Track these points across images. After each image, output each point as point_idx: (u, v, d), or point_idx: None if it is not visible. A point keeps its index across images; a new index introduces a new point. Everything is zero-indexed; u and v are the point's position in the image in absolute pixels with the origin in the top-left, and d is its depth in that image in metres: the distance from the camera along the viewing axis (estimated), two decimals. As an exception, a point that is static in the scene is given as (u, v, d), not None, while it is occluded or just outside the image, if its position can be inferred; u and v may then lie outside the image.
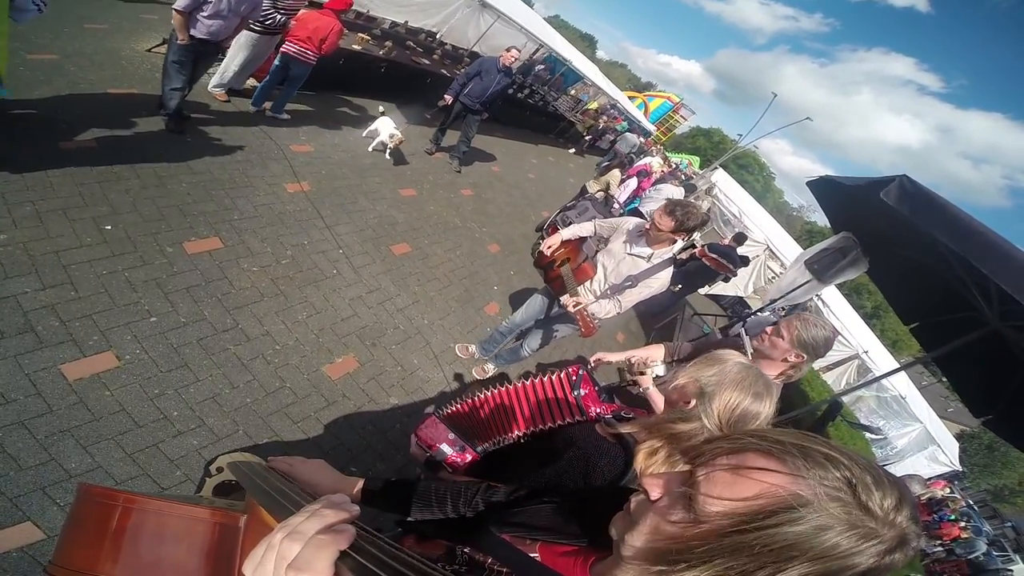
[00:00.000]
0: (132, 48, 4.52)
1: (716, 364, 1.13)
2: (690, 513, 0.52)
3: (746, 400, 1.07)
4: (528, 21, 9.67)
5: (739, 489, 0.50)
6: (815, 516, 0.46)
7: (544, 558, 0.76)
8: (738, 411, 1.06)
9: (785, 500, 0.47)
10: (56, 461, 1.93)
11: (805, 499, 0.47)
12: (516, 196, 7.48)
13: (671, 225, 2.57)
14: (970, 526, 9.11)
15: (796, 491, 0.47)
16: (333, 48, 4.82)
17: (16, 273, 2.38)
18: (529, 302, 3.33)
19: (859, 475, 0.48)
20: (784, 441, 0.52)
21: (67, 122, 3.32)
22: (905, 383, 8.69)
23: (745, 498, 0.49)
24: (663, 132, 26.04)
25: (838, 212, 4.24)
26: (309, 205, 4.13)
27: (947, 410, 19.32)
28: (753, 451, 0.52)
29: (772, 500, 0.48)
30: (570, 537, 0.80)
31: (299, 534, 0.43)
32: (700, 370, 1.14)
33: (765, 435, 0.54)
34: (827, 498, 0.46)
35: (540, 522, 0.86)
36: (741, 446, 0.54)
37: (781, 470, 0.49)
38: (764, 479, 0.49)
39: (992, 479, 27.14)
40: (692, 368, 1.16)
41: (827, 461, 0.49)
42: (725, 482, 0.51)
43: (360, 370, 3.15)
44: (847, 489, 0.47)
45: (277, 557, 0.42)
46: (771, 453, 0.51)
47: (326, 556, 0.41)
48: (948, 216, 2.36)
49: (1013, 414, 3.29)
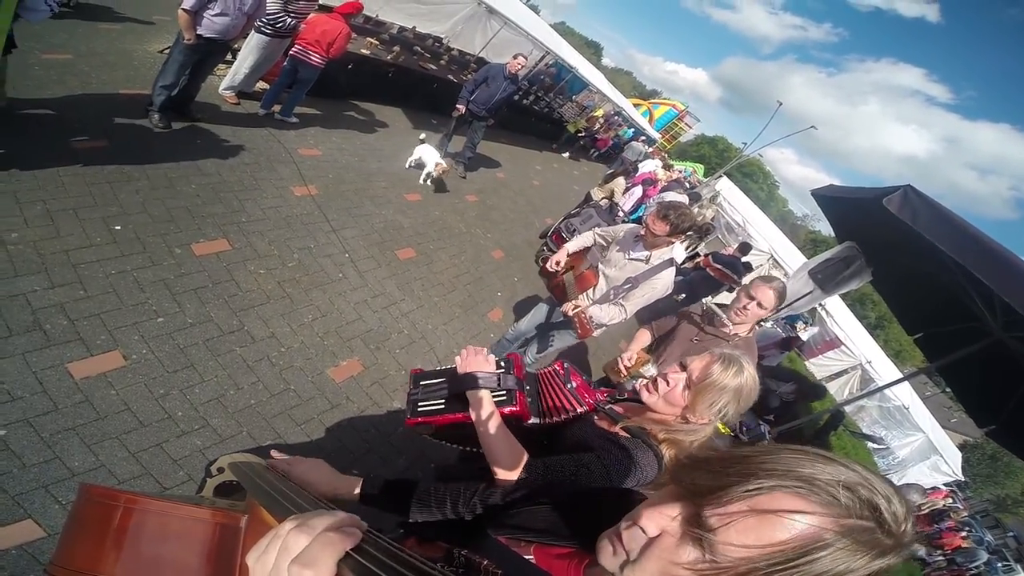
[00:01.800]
0: (144, 49, 4.58)
1: (724, 394, 1.23)
2: (705, 555, 0.51)
3: (752, 392, 1.25)
4: (534, 28, 9.72)
5: (767, 534, 0.48)
6: (843, 544, 0.46)
7: (539, 560, 0.77)
8: (719, 405, 1.23)
9: (816, 537, 0.47)
10: (60, 459, 1.93)
11: (835, 535, 0.47)
12: (521, 203, 7.50)
13: (665, 229, 2.59)
14: (972, 536, 9.03)
15: (825, 528, 0.47)
16: (341, 52, 4.86)
17: (26, 271, 2.40)
18: (535, 310, 3.33)
19: (880, 494, 0.49)
20: (808, 477, 0.50)
21: (79, 122, 3.35)
22: (908, 393, 8.65)
23: (772, 543, 0.48)
24: (668, 140, 26.06)
25: (842, 222, 4.24)
26: (316, 209, 4.15)
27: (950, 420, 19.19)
28: (782, 493, 0.50)
29: (800, 541, 0.47)
30: (564, 539, 0.81)
31: (309, 527, 0.43)
32: (710, 402, 1.23)
33: (788, 471, 0.51)
34: (855, 528, 0.47)
35: (536, 524, 0.87)
36: (768, 488, 0.51)
37: (814, 511, 0.48)
38: (797, 521, 0.48)
39: (995, 489, 26.92)
40: (703, 402, 1.23)
41: (849, 490, 0.49)
42: (750, 527, 0.49)
43: (364, 374, 3.16)
44: (870, 513, 0.48)
45: (282, 548, 0.42)
46: (800, 494, 0.49)
47: (331, 554, 0.41)
48: (951, 226, 2.36)
49: (1016, 424, 3.28)
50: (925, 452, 8.60)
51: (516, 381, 1.30)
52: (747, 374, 1.23)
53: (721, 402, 1.22)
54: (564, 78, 12.73)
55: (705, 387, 1.22)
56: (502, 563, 0.74)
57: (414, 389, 1.37)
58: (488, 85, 5.95)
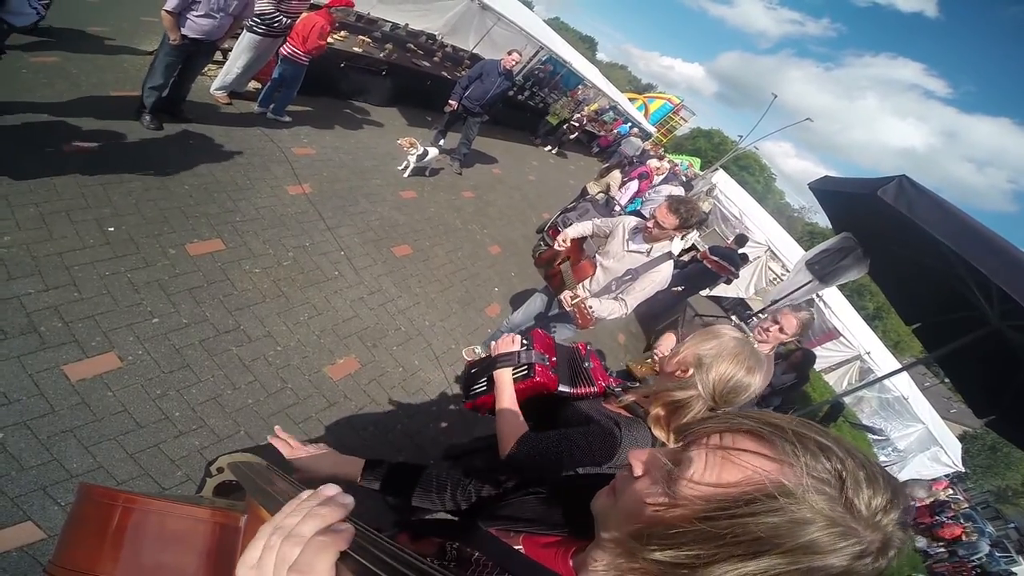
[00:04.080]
0: (134, 50, 4.54)
1: (714, 338, 1.17)
2: (669, 493, 0.50)
3: (740, 372, 1.11)
4: (528, 23, 9.68)
5: (723, 473, 0.48)
6: (794, 508, 0.43)
7: (527, 549, 0.78)
8: (732, 382, 1.11)
9: (766, 488, 0.45)
10: (58, 461, 1.93)
11: (787, 489, 0.44)
12: (517, 198, 7.49)
13: (675, 222, 2.58)
14: (973, 527, 9.09)
15: (780, 479, 0.45)
16: (315, 45, 4.67)
17: (20, 274, 2.39)
18: (529, 301, 3.33)
19: (851, 469, 0.45)
20: (780, 425, 0.49)
21: (70, 125, 3.33)
22: (907, 384, 8.69)
23: (726, 483, 0.47)
24: (663, 133, 26.04)
25: (839, 213, 4.25)
26: (311, 207, 4.14)
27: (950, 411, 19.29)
28: (746, 432, 0.50)
29: (752, 487, 0.45)
30: (552, 527, 0.82)
31: (297, 537, 0.41)
32: (699, 343, 1.18)
33: (761, 416, 0.51)
34: (812, 490, 0.44)
35: (525, 514, 0.89)
36: (734, 425, 0.51)
37: (769, 454, 0.47)
38: (751, 463, 0.47)
39: (995, 480, 27.10)
40: (692, 341, 1.20)
41: (820, 450, 0.46)
42: (710, 464, 0.49)
43: (361, 371, 3.16)
44: (836, 482, 0.44)
45: (278, 559, 0.41)
46: (762, 436, 0.48)
47: (327, 558, 0.40)
48: (946, 215, 2.37)
49: (1015, 414, 3.29)
50: (925, 443, 8.63)
51: (538, 355, 1.38)
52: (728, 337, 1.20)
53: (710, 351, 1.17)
54: (559, 73, 12.69)
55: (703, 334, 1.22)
56: (492, 554, 0.75)
57: (468, 376, 1.51)
58: (482, 81, 5.93)
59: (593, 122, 13.73)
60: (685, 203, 2.64)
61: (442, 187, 6.06)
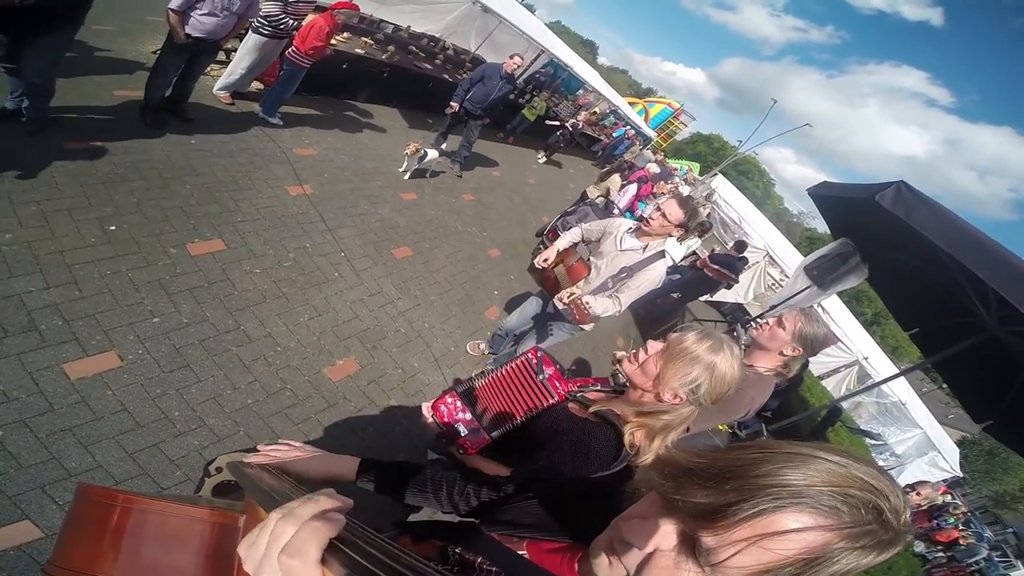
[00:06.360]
0: (137, 50, 4.55)
1: (693, 362, 1.16)
2: (705, 571, 0.51)
3: (723, 381, 1.15)
4: (529, 27, 9.71)
5: (773, 552, 0.47)
6: (849, 550, 0.46)
7: (532, 555, 0.77)
8: (719, 390, 1.16)
9: (823, 547, 0.47)
10: (56, 460, 1.93)
11: (841, 541, 0.47)
12: (517, 201, 7.50)
13: (680, 217, 2.57)
14: (971, 532, 9.08)
15: (832, 539, 0.47)
16: (312, 46, 4.62)
17: (21, 272, 2.39)
18: (524, 304, 3.32)
19: (879, 492, 0.48)
20: (814, 492, 0.48)
21: (73, 123, 3.34)
22: (905, 389, 8.68)
23: (781, 558, 0.47)
24: (663, 138, 26.08)
25: (838, 218, 4.26)
26: (311, 208, 4.15)
27: (947, 416, 19.25)
28: (783, 513, 0.48)
29: (810, 551, 0.47)
30: (556, 533, 0.81)
31: (294, 516, 0.43)
32: (680, 369, 1.16)
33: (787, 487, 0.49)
34: (860, 534, 0.47)
35: (527, 519, 0.88)
36: (772, 510, 0.48)
37: (818, 524, 0.47)
38: (805, 537, 0.47)
39: (993, 485, 27.07)
40: (673, 368, 1.17)
41: (852, 496, 0.48)
42: (754, 547, 0.48)
43: (361, 372, 3.16)
44: (873, 516, 0.47)
45: (271, 537, 0.42)
46: (803, 510, 0.48)
47: (317, 542, 0.41)
48: (944, 221, 2.38)
49: (1013, 419, 3.30)
50: (923, 448, 8.62)
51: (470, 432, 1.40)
52: (726, 353, 1.15)
53: (693, 374, 1.14)
54: (560, 76, 12.72)
55: (677, 353, 1.16)
56: (496, 560, 0.74)
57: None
58: (484, 84, 5.95)
59: (592, 126, 13.68)
60: (691, 199, 2.66)
61: (442, 189, 6.07)
